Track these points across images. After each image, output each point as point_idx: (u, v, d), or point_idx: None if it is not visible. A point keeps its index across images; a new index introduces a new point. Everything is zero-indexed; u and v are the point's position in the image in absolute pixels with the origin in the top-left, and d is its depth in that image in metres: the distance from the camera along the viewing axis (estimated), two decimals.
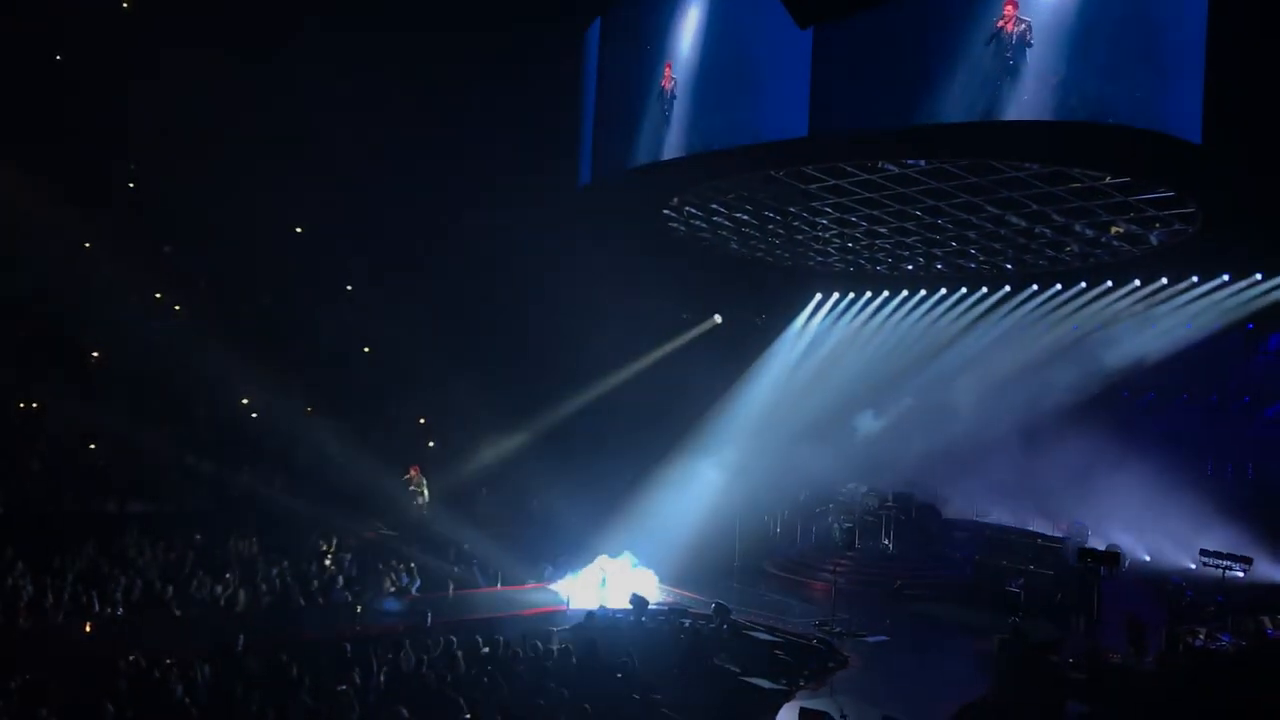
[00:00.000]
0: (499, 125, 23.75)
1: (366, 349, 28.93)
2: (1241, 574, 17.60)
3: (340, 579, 19.63)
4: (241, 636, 14.52)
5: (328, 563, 20.44)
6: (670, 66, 18.39)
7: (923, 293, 25.17)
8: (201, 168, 24.20)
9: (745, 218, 22.23)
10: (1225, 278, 20.11)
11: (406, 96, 24.36)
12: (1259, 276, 19.64)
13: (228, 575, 18.36)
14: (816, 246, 24.18)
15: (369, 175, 25.80)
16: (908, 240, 22.51)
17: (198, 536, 20.03)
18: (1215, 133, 14.44)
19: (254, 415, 26.23)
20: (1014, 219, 19.82)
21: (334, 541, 21.51)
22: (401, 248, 27.00)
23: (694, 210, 22.15)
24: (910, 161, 17.67)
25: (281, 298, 27.95)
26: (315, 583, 19.26)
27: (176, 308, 27.52)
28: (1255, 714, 12.11)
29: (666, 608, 19.50)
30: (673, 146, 18.41)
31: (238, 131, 24.39)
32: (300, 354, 27.59)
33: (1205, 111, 14.50)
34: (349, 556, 21.04)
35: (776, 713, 14.74)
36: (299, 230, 27.58)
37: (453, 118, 24.49)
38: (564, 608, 19.82)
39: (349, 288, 28.74)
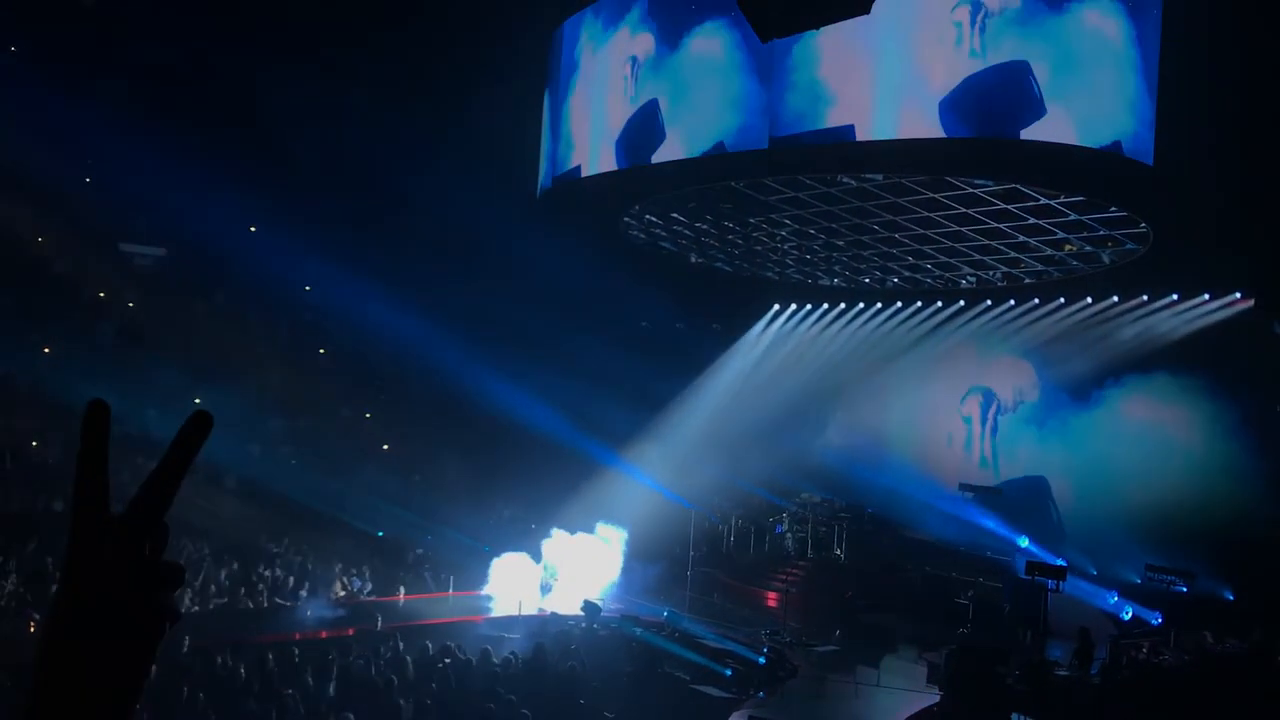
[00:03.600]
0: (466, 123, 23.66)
1: (321, 350, 28.75)
2: (1185, 589, 17.87)
3: (290, 582, 19.47)
4: (187, 638, 14.36)
5: (277, 566, 20.23)
6: (629, 73, 18.47)
7: (878, 305, 25.35)
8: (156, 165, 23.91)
9: (705, 227, 22.34)
10: (1174, 297, 20.43)
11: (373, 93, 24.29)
12: (1206, 296, 19.98)
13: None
14: (774, 258, 24.32)
15: (326, 171, 25.67)
16: (864, 254, 22.70)
17: None
18: (1168, 155, 14.76)
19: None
20: (971, 234, 20.07)
21: (285, 543, 21.31)
22: (360, 248, 26.80)
23: (654, 219, 22.22)
24: (868, 175, 17.86)
25: (237, 297, 27.64)
26: (263, 586, 19.09)
27: (130, 304, 27.19)
28: None
29: (618, 615, 19.50)
30: (624, 156, 18.54)
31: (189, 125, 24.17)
32: (257, 353, 27.33)
33: (1158, 135, 14.83)
34: (299, 559, 20.85)
35: None
36: (253, 230, 27.28)
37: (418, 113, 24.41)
38: (516, 614, 19.77)
39: (306, 288, 28.49)
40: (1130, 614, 18.55)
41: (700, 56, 17.32)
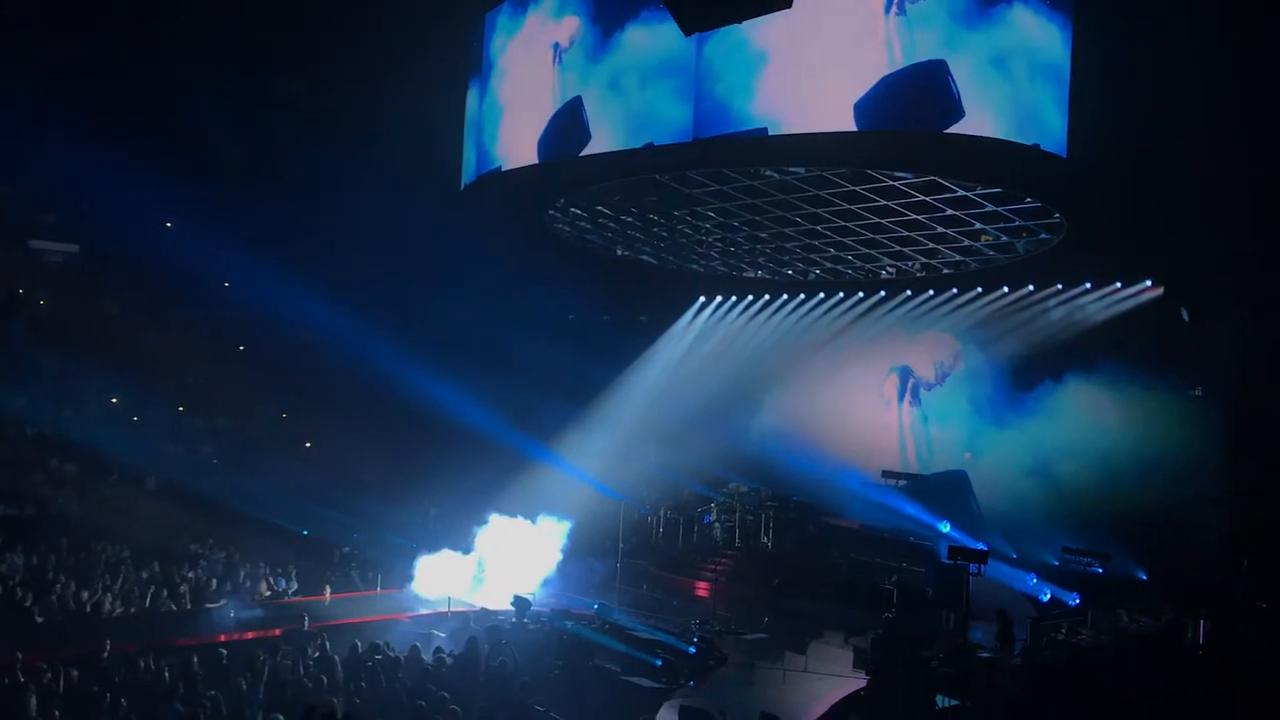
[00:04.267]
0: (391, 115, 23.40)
1: (241, 347, 28.26)
2: (1101, 570, 18.37)
3: (213, 583, 19.16)
4: (108, 642, 14.10)
5: (200, 567, 19.88)
6: (551, 63, 18.44)
7: (802, 296, 25.64)
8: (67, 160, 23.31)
9: (630, 219, 22.38)
10: (1088, 285, 20.96)
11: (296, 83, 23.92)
12: (1118, 284, 20.53)
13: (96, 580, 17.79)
14: (700, 250, 24.46)
15: (245, 166, 25.23)
16: (788, 246, 22.92)
17: (63, 540, 19.29)
18: (1081, 149, 15.17)
19: (135, 419, 25.35)
20: (890, 226, 20.37)
21: (208, 544, 20.95)
22: (279, 243, 26.33)
23: (579, 212, 22.22)
24: (791, 169, 18.05)
25: (153, 294, 27.02)
26: (185, 587, 18.76)
27: (41, 302, 26.47)
28: (1114, 703, 12.64)
29: (549, 609, 19.50)
30: (547, 152, 18.51)
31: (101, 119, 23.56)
32: (174, 352, 26.81)
33: (1072, 129, 15.23)
34: (222, 560, 20.52)
35: (657, 711, 14.87)
36: (169, 225, 26.69)
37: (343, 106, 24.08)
38: (445, 610, 19.67)
39: (225, 284, 27.95)
40: (1049, 596, 18.99)
41: (624, 50, 17.31)
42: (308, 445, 27.61)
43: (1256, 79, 14.53)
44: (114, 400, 25.58)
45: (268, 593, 19.87)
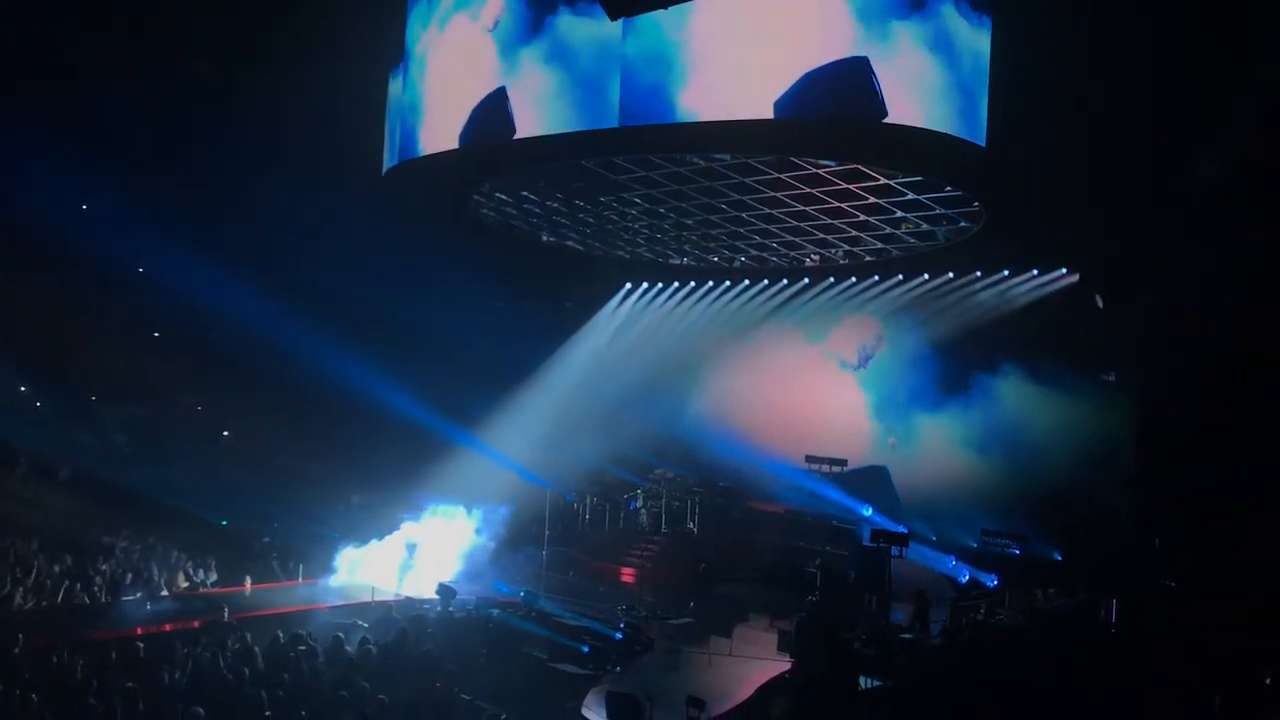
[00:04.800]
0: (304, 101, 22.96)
1: (156, 334, 27.62)
2: (1018, 551, 18.78)
3: (129, 575, 18.74)
4: (20, 637, 13.72)
5: (115, 559, 19.44)
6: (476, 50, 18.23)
7: (727, 284, 25.80)
8: None
9: (556, 205, 22.29)
10: (1005, 273, 21.38)
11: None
12: (1035, 272, 20.98)
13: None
14: (626, 237, 24.46)
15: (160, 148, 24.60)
16: (713, 232, 23.03)
17: None
18: (1000, 138, 15.45)
19: (37, 405, 24.64)
20: (814, 214, 20.57)
21: (122, 536, 20.49)
22: (197, 228, 25.70)
23: (504, 197, 22.07)
24: (716, 156, 18.12)
25: (66, 278, 26.23)
26: (100, 580, 18.33)
27: None
28: (1029, 680, 12.94)
29: (474, 597, 19.41)
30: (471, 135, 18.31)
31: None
32: (87, 338, 26.11)
33: (991, 118, 15.51)
34: (138, 551, 20.09)
35: (584, 698, 14.90)
36: (85, 208, 25.90)
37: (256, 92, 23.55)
38: (368, 600, 19.47)
39: (140, 270, 27.25)
40: (968, 577, 19.37)
41: (550, 35, 17.17)
42: (225, 434, 27.09)
43: (1162, 71, 14.92)
44: (22, 388, 24.83)
45: (185, 584, 19.51)
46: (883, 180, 18.12)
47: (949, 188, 18.03)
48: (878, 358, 24.31)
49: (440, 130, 19.07)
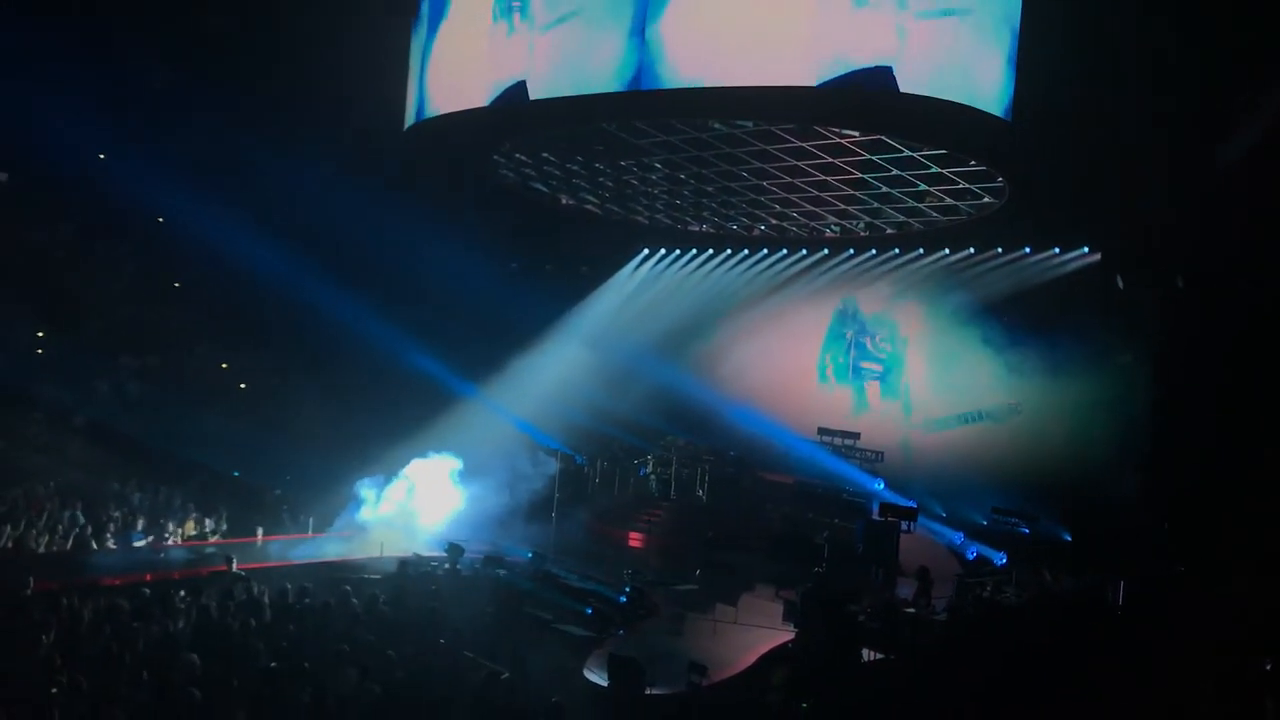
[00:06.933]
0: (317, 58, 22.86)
1: (176, 284, 27.68)
2: (1027, 530, 18.73)
3: (140, 522, 18.90)
4: (31, 580, 13.85)
5: (127, 506, 19.59)
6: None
7: (745, 252, 25.65)
8: None
9: (576, 168, 22.19)
10: (1026, 250, 21.17)
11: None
12: (1056, 250, 20.76)
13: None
14: (645, 201, 24.34)
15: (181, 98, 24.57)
16: (733, 200, 22.89)
17: None
18: (1025, 113, 15.26)
19: (54, 353, 24.72)
20: (836, 184, 20.41)
21: (134, 484, 20.62)
22: (216, 180, 25.63)
23: (524, 158, 21.97)
24: (738, 122, 17.96)
25: (84, 228, 26.24)
26: (112, 526, 18.50)
27: None
28: (1033, 658, 12.92)
29: (481, 556, 19.49)
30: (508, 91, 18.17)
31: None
32: (105, 288, 26.18)
33: (1017, 92, 15.30)
34: (151, 500, 20.24)
35: (587, 659, 14.96)
36: (101, 156, 25.88)
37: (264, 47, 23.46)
38: (377, 555, 19.59)
39: (160, 220, 27.26)
40: (975, 554, 19.35)
41: None
42: (242, 386, 27.16)
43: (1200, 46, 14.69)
44: (40, 335, 24.93)
45: (195, 533, 19.66)
46: (906, 152, 17.94)
47: (973, 162, 17.83)
48: (892, 335, 24.12)
49: (462, 88, 18.97)
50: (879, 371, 24.34)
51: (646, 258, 27.47)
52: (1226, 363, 16.97)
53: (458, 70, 19.30)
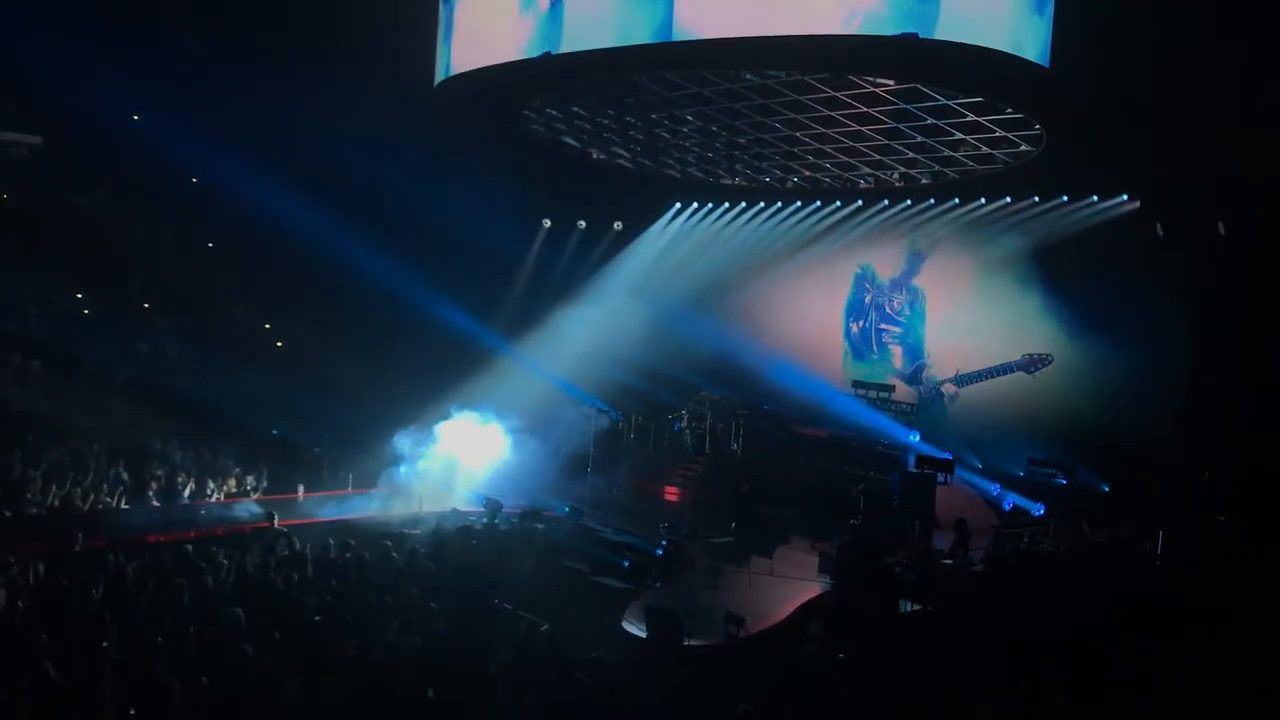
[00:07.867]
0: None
1: (210, 244, 27.87)
2: (1065, 481, 18.64)
3: (182, 480, 19.19)
4: (80, 536, 14.13)
5: (170, 465, 19.87)
6: None
7: (779, 204, 25.43)
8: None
9: (607, 122, 22.06)
10: (1064, 199, 20.87)
11: None
12: (1095, 198, 20.45)
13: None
14: (676, 155, 24.18)
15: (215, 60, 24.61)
16: (766, 152, 22.70)
17: (29, 437, 19.16)
18: (1063, 58, 15.01)
19: (85, 312, 25.00)
20: (870, 134, 20.19)
21: (177, 443, 20.89)
22: (251, 140, 25.65)
23: (554, 112, 21.87)
24: (771, 73, 17.78)
25: (120, 189, 26.40)
26: (155, 485, 18.78)
27: (4, 196, 25.91)
28: (1069, 611, 12.92)
29: (519, 511, 19.67)
30: (537, 44, 18.06)
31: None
32: (142, 248, 26.42)
33: (1055, 37, 15.05)
34: (192, 458, 20.50)
35: (624, 611, 15.12)
36: (136, 118, 25.98)
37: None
38: (416, 510, 19.81)
39: (194, 179, 27.40)
40: (1012, 505, 19.31)
41: None
42: (279, 344, 27.37)
43: None
44: (79, 295, 25.20)
45: (236, 490, 19.93)
46: (941, 100, 17.71)
47: (1010, 110, 17.58)
48: (927, 286, 23.91)
49: (492, 42, 18.89)
50: (899, 333, 24.20)
51: (679, 212, 27.32)
52: (1268, 310, 16.73)
53: (487, 26, 19.21)
